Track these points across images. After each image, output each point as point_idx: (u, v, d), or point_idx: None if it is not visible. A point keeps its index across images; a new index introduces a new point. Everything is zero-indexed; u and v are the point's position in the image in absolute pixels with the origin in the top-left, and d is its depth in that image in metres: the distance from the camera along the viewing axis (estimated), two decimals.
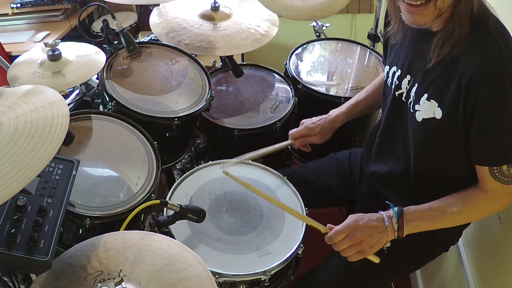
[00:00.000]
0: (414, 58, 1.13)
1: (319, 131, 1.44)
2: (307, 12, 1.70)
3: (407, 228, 1.10)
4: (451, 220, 1.11)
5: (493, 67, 0.95)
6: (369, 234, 1.10)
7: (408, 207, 1.12)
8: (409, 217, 1.10)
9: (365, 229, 1.10)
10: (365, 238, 1.10)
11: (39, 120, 0.80)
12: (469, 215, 1.12)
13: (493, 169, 1.02)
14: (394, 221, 1.10)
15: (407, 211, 1.11)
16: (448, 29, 1.00)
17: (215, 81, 1.77)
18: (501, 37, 0.97)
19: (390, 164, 1.26)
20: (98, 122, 1.31)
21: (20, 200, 0.88)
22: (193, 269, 0.89)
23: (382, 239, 1.11)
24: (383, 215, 1.12)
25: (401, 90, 1.17)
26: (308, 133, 1.46)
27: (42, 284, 0.86)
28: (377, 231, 1.10)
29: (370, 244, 1.10)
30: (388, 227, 1.10)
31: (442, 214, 1.09)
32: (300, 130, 1.47)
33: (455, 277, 1.51)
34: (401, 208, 1.11)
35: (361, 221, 1.12)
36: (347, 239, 1.11)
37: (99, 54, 1.36)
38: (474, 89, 0.96)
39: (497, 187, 1.04)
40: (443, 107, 1.04)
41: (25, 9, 2.48)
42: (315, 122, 1.46)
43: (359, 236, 1.10)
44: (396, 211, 1.11)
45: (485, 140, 1.00)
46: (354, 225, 1.11)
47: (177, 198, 1.27)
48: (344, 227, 1.12)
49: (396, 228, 1.10)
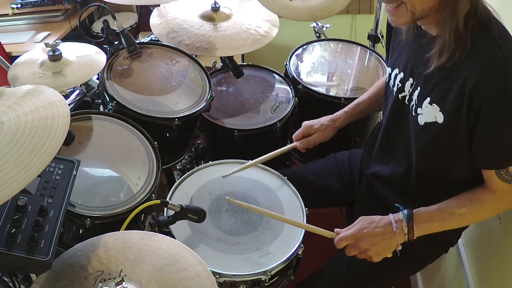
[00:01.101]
0: (416, 61, 1.12)
1: (318, 127, 1.44)
2: (307, 13, 1.70)
3: (417, 231, 1.09)
4: (460, 221, 1.10)
5: (497, 72, 0.94)
6: (373, 242, 1.09)
7: (417, 209, 1.11)
8: (419, 220, 1.09)
9: (370, 238, 1.09)
10: (370, 247, 1.09)
11: (39, 120, 0.81)
12: (478, 215, 1.11)
13: (500, 170, 1.02)
14: (404, 224, 1.09)
15: (416, 214, 1.10)
16: (443, 34, 0.99)
17: (215, 82, 1.77)
18: (505, 42, 0.96)
19: (391, 166, 1.26)
20: (99, 122, 1.32)
21: (21, 200, 0.88)
22: (194, 269, 0.89)
23: (390, 245, 1.10)
24: (392, 219, 1.11)
25: (404, 93, 1.17)
26: (309, 131, 1.46)
27: (42, 284, 0.86)
28: (383, 239, 1.09)
29: (377, 252, 1.09)
30: (397, 232, 1.09)
31: (451, 216, 1.08)
32: (301, 131, 1.48)
33: (455, 277, 1.51)
34: (411, 211, 1.10)
35: (366, 229, 1.10)
36: (352, 248, 1.11)
37: (100, 55, 1.36)
38: (478, 95, 0.95)
39: (505, 187, 1.04)
40: (445, 112, 1.03)
41: (26, 10, 2.49)
42: (315, 120, 1.47)
43: (363, 245, 1.09)
44: (406, 214, 1.10)
45: (489, 144, 1.00)
46: (359, 234, 1.10)
47: (177, 198, 1.27)
48: (349, 236, 1.11)
49: (406, 231, 1.09)
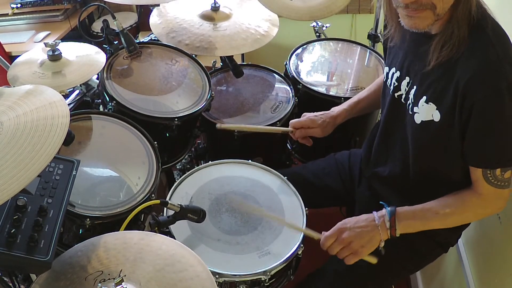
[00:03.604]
0: (413, 60, 1.13)
1: (321, 123, 1.44)
2: (307, 13, 1.70)
3: (399, 227, 1.11)
4: (443, 221, 1.12)
5: (490, 71, 0.95)
6: (356, 234, 1.12)
7: (401, 207, 1.13)
8: (401, 216, 1.11)
9: (352, 230, 1.12)
10: (353, 239, 1.11)
11: (39, 120, 0.80)
12: (462, 217, 1.13)
13: (487, 173, 1.03)
14: (386, 219, 1.11)
15: (399, 210, 1.12)
16: (447, 31, 0.99)
17: (215, 81, 1.77)
18: (499, 41, 0.97)
19: (389, 165, 1.26)
20: (98, 122, 1.31)
21: (20, 200, 0.88)
22: (193, 269, 0.89)
23: (373, 238, 1.12)
24: (375, 215, 1.14)
25: (400, 92, 1.18)
26: (310, 125, 1.45)
27: (42, 284, 0.86)
28: (365, 230, 1.12)
29: (361, 243, 1.11)
30: (379, 226, 1.11)
31: (435, 215, 1.10)
32: (301, 120, 1.46)
33: (455, 277, 1.51)
34: (394, 208, 1.13)
35: (349, 223, 1.14)
36: (337, 242, 1.13)
37: (99, 54, 1.35)
38: (470, 93, 0.96)
39: (490, 191, 1.05)
40: (441, 110, 1.04)
41: (25, 9, 2.48)
42: (317, 115, 1.46)
43: (346, 237, 1.12)
44: (388, 210, 1.12)
45: (480, 143, 1.01)
46: (341, 228, 1.14)
47: (177, 198, 1.27)
48: (332, 232, 1.15)
49: (388, 226, 1.11)
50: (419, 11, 0.97)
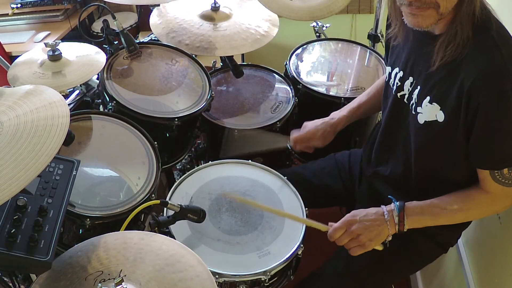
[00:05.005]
0: (417, 60, 1.13)
1: (321, 135, 1.44)
2: (307, 13, 1.70)
3: (408, 222, 1.11)
4: (451, 217, 1.12)
5: (494, 72, 0.95)
6: (365, 227, 1.11)
7: (410, 202, 1.13)
8: (410, 211, 1.11)
9: (362, 223, 1.12)
10: (362, 232, 1.11)
11: (39, 120, 0.80)
12: (468, 214, 1.13)
13: (494, 172, 1.02)
14: (395, 214, 1.11)
15: (408, 205, 1.12)
16: (451, 31, 0.99)
17: (215, 82, 1.77)
18: (503, 43, 0.96)
19: (390, 165, 1.26)
20: (98, 122, 1.31)
21: (21, 200, 0.88)
22: (193, 269, 0.89)
23: (381, 232, 1.12)
24: (384, 209, 1.14)
25: (403, 92, 1.17)
26: (310, 137, 1.45)
27: (42, 284, 0.86)
28: (374, 224, 1.12)
29: (369, 237, 1.11)
30: (388, 221, 1.11)
31: (442, 211, 1.10)
32: (302, 135, 1.47)
33: (455, 277, 1.51)
34: (403, 203, 1.13)
35: (359, 215, 1.14)
36: (345, 234, 1.13)
37: (99, 54, 1.35)
38: (475, 95, 0.96)
39: (498, 190, 1.04)
40: (445, 111, 1.04)
41: (25, 9, 2.48)
42: (317, 126, 1.45)
43: (355, 230, 1.12)
44: (397, 205, 1.12)
45: (485, 144, 1.01)
46: (351, 220, 1.13)
47: (177, 198, 1.27)
48: (342, 223, 1.14)
49: (397, 221, 1.11)
50: (422, 9, 0.98)
